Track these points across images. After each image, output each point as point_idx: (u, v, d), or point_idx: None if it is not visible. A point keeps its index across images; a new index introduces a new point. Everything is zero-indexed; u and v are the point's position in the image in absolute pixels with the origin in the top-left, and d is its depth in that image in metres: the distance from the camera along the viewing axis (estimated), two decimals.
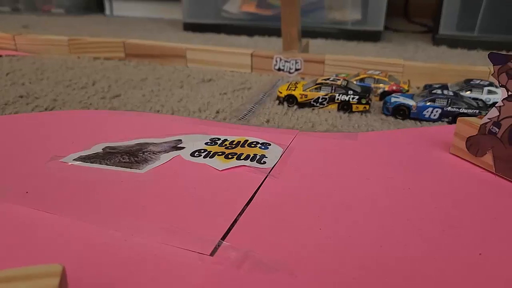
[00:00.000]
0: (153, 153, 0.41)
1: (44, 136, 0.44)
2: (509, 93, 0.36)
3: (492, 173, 0.38)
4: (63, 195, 0.33)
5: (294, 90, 0.55)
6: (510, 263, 0.27)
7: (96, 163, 0.38)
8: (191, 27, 1.08)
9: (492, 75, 0.38)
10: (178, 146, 0.42)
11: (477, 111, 0.50)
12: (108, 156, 0.40)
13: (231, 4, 1.06)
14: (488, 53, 0.38)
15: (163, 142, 0.43)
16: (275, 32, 1.00)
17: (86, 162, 0.38)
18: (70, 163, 0.38)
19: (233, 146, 0.42)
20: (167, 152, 0.41)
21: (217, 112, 0.53)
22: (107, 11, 1.32)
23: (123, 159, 0.39)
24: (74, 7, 1.29)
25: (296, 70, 0.69)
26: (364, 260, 0.27)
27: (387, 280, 0.25)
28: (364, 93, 0.54)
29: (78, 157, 0.39)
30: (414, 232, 0.30)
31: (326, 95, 0.54)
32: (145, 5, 1.29)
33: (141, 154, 0.40)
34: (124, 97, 0.57)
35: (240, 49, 0.73)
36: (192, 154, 0.40)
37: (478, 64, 0.65)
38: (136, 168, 0.38)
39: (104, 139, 0.43)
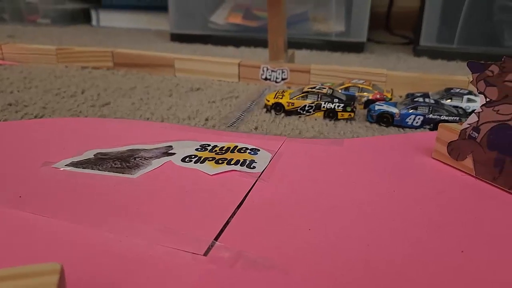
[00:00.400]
0: (145, 158, 0.41)
1: (35, 143, 0.44)
2: (487, 99, 0.38)
3: (473, 176, 0.40)
4: (57, 199, 0.33)
5: (281, 98, 0.57)
6: (490, 259, 0.28)
7: (88, 168, 0.39)
8: (178, 38, 1.09)
9: (471, 82, 0.40)
10: (169, 152, 0.43)
11: (458, 118, 0.52)
12: (99, 161, 0.40)
13: (218, 15, 1.08)
14: (467, 62, 0.40)
15: (154, 148, 0.44)
16: (261, 43, 1.02)
17: (78, 168, 0.39)
18: (62, 169, 0.38)
19: (223, 151, 0.43)
20: (158, 158, 0.42)
21: (206, 119, 0.54)
22: (94, 22, 1.32)
23: (115, 164, 0.40)
24: (60, 17, 1.29)
25: (283, 79, 0.71)
26: (352, 259, 0.28)
27: (374, 276, 0.26)
28: (349, 101, 0.56)
29: (70, 163, 0.40)
30: (399, 232, 0.31)
31: (312, 103, 0.56)
32: (132, 16, 1.29)
33: (133, 160, 0.41)
34: (113, 105, 0.58)
35: (227, 59, 0.74)
36: (183, 160, 0.41)
37: (458, 74, 0.67)
38: (128, 173, 0.38)
39: (95, 146, 0.44)
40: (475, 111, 0.39)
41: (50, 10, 1.29)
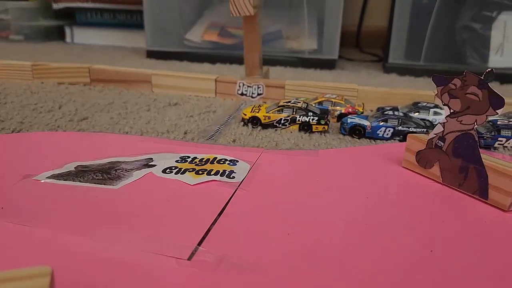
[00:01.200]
0: (126, 170, 0.42)
1: (14, 157, 0.44)
2: (451, 110, 0.41)
3: (440, 183, 0.42)
4: (39, 209, 0.34)
5: (258, 112, 0.59)
6: (457, 258, 0.30)
7: (70, 180, 0.39)
8: (154, 55, 1.10)
9: (436, 95, 0.42)
10: (150, 164, 0.44)
11: (425, 129, 0.55)
12: (81, 174, 0.41)
13: (193, 33, 1.10)
14: (432, 76, 0.42)
15: (135, 161, 0.45)
16: (237, 60, 1.04)
17: (60, 180, 0.39)
18: (43, 181, 0.39)
19: (203, 163, 0.44)
20: (139, 170, 0.42)
21: (185, 133, 0.55)
22: (68, 39, 1.32)
23: (96, 176, 0.40)
24: (34, 34, 1.29)
25: (258, 94, 0.73)
26: (329, 260, 0.29)
27: (350, 275, 0.28)
28: (323, 114, 0.58)
29: (51, 175, 0.40)
30: (372, 234, 0.33)
31: (288, 116, 0.58)
32: (107, 33, 1.30)
33: (114, 172, 0.42)
34: (92, 120, 0.58)
35: (204, 75, 0.76)
36: (164, 171, 0.42)
37: (425, 89, 0.71)
38: (110, 184, 0.39)
39: (75, 159, 0.44)
40: (440, 122, 0.42)
41: (23, 26, 1.28)
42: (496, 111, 0.38)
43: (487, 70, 0.38)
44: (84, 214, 0.33)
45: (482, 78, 0.38)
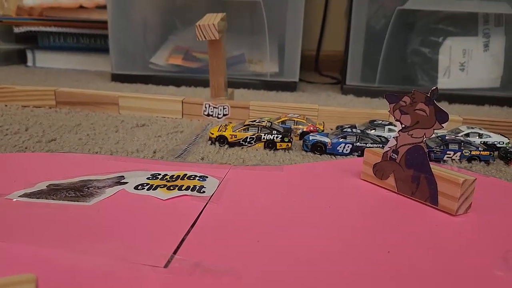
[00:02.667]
0: (98, 188, 0.43)
1: None
2: (403, 125, 0.45)
3: (395, 192, 0.46)
4: (14, 226, 0.34)
5: (225, 131, 0.61)
6: (411, 257, 0.33)
7: (42, 198, 0.40)
8: (119, 78, 1.11)
9: (388, 111, 0.46)
10: (121, 181, 0.45)
11: (381, 145, 0.59)
12: (53, 192, 0.42)
13: (158, 57, 1.12)
14: (384, 94, 0.46)
15: (106, 178, 0.46)
16: (201, 83, 1.07)
17: (32, 198, 0.40)
18: (15, 200, 0.39)
19: (174, 179, 0.46)
20: (111, 187, 0.44)
21: (154, 152, 0.57)
22: (30, 63, 1.31)
23: (68, 194, 0.41)
24: None
25: (224, 115, 0.75)
26: (297, 262, 0.32)
27: (316, 275, 0.30)
28: (286, 132, 0.61)
29: (23, 194, 0.41)
30: (335, 238, 0.35)
31: (253, 135, 0.60)
32: (71, 57, 1.30)
33: (86, 189, 0.43)
34: (60, 141, 0.59)
35: (171, 96, 0.78)
36: (136, 188, 0.43)
37: (380, 109, 0.76)
38: (83, 201, 0.40)
39: (46, 178, 0.45)
40: (393, 136, 0.46)
41: None
42: (442, 125, 0.42)
43: (432, 88, 0.42)
44: (60, 229, 0.34)
45: (429, 95, 0.42)
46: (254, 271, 0.30)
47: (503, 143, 0.64)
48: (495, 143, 0.64)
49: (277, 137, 0.60)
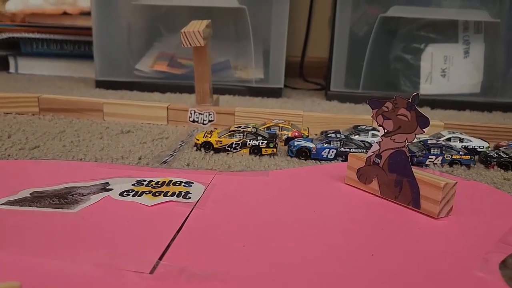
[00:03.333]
0: (83, 195, 0.43)
1: None
2: (385, 130, 0.46)
3: (379, 196, 0.46)
4: None
5: (210, 137, 0.61)
6: (394, 259, 0.34)
7: (26, 206, 0.40)
8: (104, 85, 1.10)
9: (372, 117, 0.47)
10: (106, 188, 0.45)
11: (365, 150, 0.60)
12: (37, 199, 0.41)
13: (143, 63, 1.11)
14: (367, 100, 0.47)
15: (91, 185, 0.45)
16: (187, 89, 1.07)
17: (15, 206, 0.39)
18: None
19: (159, 185, 0.46)
20: (96, 194, 0.43)
21: (140, 158, 0.56)
22: (12, 69, 1.29)
23: (53, 201, 0.41)
24: None
25: (210, 121, 0.76)
26: (282, 266, 0.32)
27: (302, 277, 0.31)
28: (271, 138, 0.62)
29: (6, 202, 0.40)
30: (320, 241, 0.36)
31: (239, 140, 0.61)
32: (54, 63, 1.28)
33: (71, 196, 0.42)
34: (43, 148, 0.58)
35: (156, 103, 0.78)
36: (121, 194, 0.43)
37: (364, 114, 0.77)
38: (67, 208, 0.40)
39: (30, 185, 0.44)
40: (376, 141, 0.47)
41: None
42: (423, 129, 0.43)
43: (413, 94, 0.43)
44: (44, 236, 0.34)
45: (410, 101, 0.43)
46: (240, 276, 0.30)
47: (483, 147, 0.66)
48: (475, 147, 0.65)
49: (262, 143, 0.61)
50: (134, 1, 1.09)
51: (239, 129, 0.62)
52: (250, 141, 0.61)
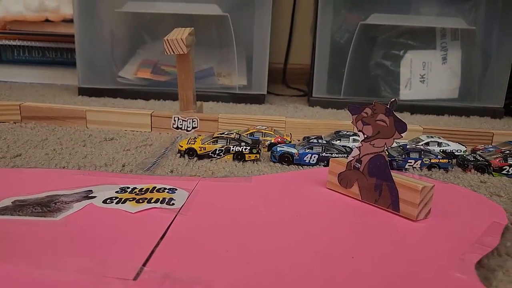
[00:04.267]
0: (65, 202, 0.43)
1: None
2: (365, 135, 0.47)
3: (359, 200, 0.47)
4: None
5: (194, 144, 0.62)
6: (374, 262, 0.35)
7: (7, 214, 0.39)
8: (87, 92, 1.09)
9: (351, 123, 0.48)
10: (89, 195, 0.45)
11: (346, 155, 0.61)
12: (18, 208, 0.41)
13: (126, 70, 1.11)
14: (347, 105, 0.48)
15: (74, 193, 0.45)
16: (170, 96, 1.07)
17: None
18: None
19: (143, 192, 0.46)
20: (79, 201, 0.43)
21: (123, 165, 0.57)
22: None
23: (35, 209, 0.41)
24: None
25: (193, 128, 0.76)
26: (265, 270, 0.33)
27: (284, 280, 0.31)
28: (255, 144, 0.62)
29: None
30: (302, 245, 0.37)
31: (222, 147, 0.61)
32: (35, 70, 1.27)
33: (53, 205, 0.42)
34: (25, 156, 0.58)
35: (140, 110, 0.78)
36: (104, 201, 0.43)
37: (345, 120, 0.78)
38: (50, 217, 0.40)
39: (11, 194, 0.44)
40: (356, 146, 0.48)
41: None
42: (401, 134, 0.44)
43: (391, 100, 0.44)
44: (26, 244, 0.34)
45: (388, 107, 0.44)
46: (224, 281, 0.31)
47: (461, 151, 0.67)
48: (453, 151, 0.67)
49: (245, 149, 0.61)
50: (117, 8, 1.09)
51: (223, 135, 0.62)
52: (233, 147, 0.61)
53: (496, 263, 0.36)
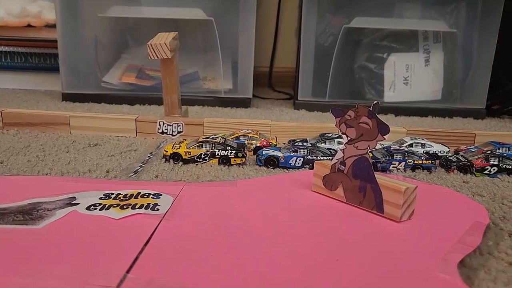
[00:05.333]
0: (48, 210, 0.42)
1: None
2: (348, 138, 0.47)
3: (344, 202, 0.47)
4: None
5: (179, 148, 0.62)
6: (359, 263, 0.35)
7: None
8: (71, 98, 1.08)
9: (335, 125, 0.48)
10: (73, 202, 0.44)
11: (331, 158, 0.61)
12: (0, 216, 0.40)
13: (111, 75, 1.11)
14: (330, 109, 0.49)
15: (57, 200, 0.45)
16: (155, 100, 1.07)
17: None
18: None
19: (127, 198, 0.45)
20: (62, 208, 0.43)
21: (107, 171, 0.56)
22: None
23: (17, 217, 0.40)
24: None
25: (178, 132, 0.76)
26: (249, 274, 0.33)
27: (268, 283, 0.31)
28: (240, 148, 0.62)
29: None
30: (286, 248, 0.37)
31: (207, 151, 0.61)
32: (18, 76, 1.25)
33: (35, 212, 0.42)
34: (7, 163, 0.57)
35: (124, 115, 0.77)
36: (88, 208, 0.43)
37: (331, 122, 0.78)
38: (32, 224, 0.39)
39: None
40: (340, 148, 0.48)
41: None
42: (384, 136, 0.44)
43: (373, 103, 0.45)
44: (8, 253, 0.34)
45: (371, 109, 0.45)
46: (208, 286, 0.31)
47: (444, 152, 0.68)
48: (436, 152, 0.68)
49: (231, 153, 0.61)
50: (100, 13, 1.09)
51: (208, 139, 0.62)
52: (218, 151, 0.61)
53: (478, 262, 0.36)
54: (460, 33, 1.10)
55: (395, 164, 0.62)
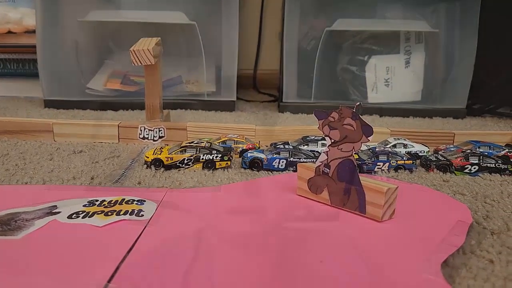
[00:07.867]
0: (26, 220, 0.41)
1: None
2: (332, 140, 0.47)
3: (329, 205, 0.47)
4: None
5: (160, 154, 0.61)
6: (343, 264, 0.35)
7: None
8: (54, 104, 1.07)
9: (318, 128, 0.48)
10: (53, 211, 0.44)
11: (315, 160, 0.61)
12: None
13: (95, 82, 1.09)
14: (314, 111, 0.48)
15: (36, 210, 0.44)
16: (139, 105, 1.05)
17: None
18: None
19: (112, 204, 0.45)
20: (42, 218, 0.42)
21: (92, 178, 0.55)
22: None
23: None
24: None
25: (160, 137, 0.75)
26: (233, 277, 0.32)
27: (252, 285, 0.31)
28: (226, 151, 0.62)
29: None
30: (270, 251, 0.37)
31: (191, 156, 0.61)
32: None
33: (14, 223, 0.41)
34: None
35: (107, 121, 0.77)
36: (70, 217, 0.42)
37: (315, 125, 0.78)
38: (11, 235, 0.38)
39: None
40: (324, 151, 0.48)
41: None
42: (368, 138, 0.44)
43: (356, 104, 0.45)
44: None
45: (354, 111, 0.45)
46: None
47: (424, 152, 0.69)
48: (417, 152, 0.69)
49: (216, 157, 0.61)
50: (80, 17, 1.07)
51: (192, 144, 0.62)
52: (203, 155, 0.61)
53: (460, 261, 0.37)
54: (442, 33, 1.12)
55: (380, 165, 0.62)
